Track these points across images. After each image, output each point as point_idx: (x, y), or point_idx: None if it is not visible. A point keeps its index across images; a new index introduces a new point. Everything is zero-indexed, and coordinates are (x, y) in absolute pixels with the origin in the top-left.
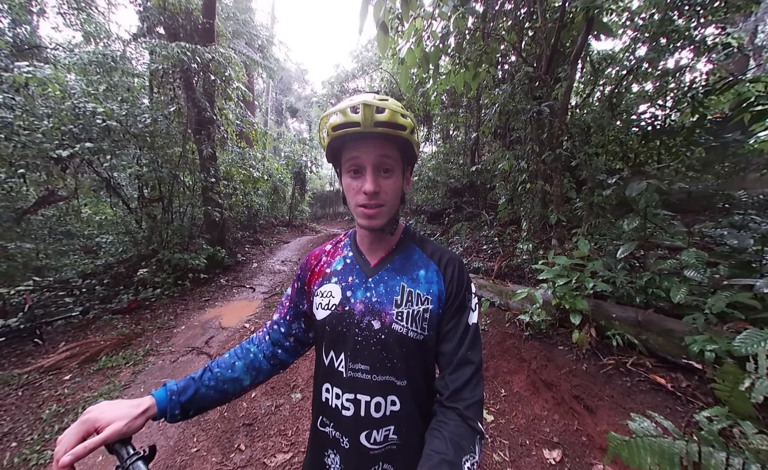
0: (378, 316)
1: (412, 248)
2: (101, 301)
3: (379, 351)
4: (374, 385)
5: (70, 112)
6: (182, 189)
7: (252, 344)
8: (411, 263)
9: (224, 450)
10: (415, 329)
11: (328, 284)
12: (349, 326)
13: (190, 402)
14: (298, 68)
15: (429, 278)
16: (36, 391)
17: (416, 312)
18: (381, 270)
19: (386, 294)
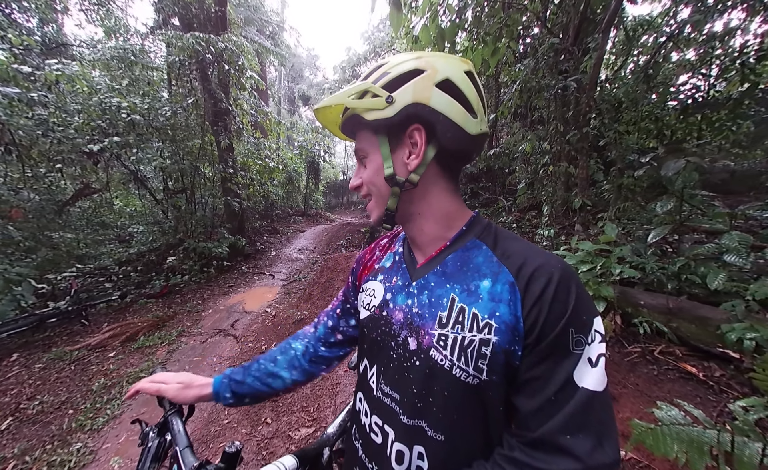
0: (416, 333)
1: (478, 245)
2: (136, 286)
3: (411, 382)
4: (400, 425)
5: (97, 107)
6: (203, 180)
7: (296, 340)
8: (470, 268)
9: (252, 423)
10: (465, 367)
11: (373, 282)
12: (385, 336)
13: (240, 389)
14: (309, 54)
15: (496, 293)
16: (86, 366)
17: (468, 342)
18: (428, 273)
19: (429, 306)
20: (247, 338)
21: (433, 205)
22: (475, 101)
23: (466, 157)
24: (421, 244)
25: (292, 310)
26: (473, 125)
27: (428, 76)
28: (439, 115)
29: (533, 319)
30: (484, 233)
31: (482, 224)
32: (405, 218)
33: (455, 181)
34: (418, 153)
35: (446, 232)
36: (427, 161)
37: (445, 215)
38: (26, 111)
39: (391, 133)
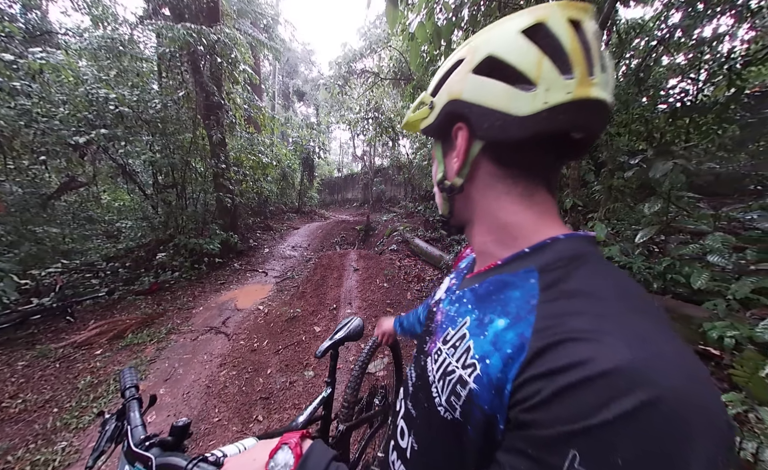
0: (431, 338)
1: (527, 278)
2: (125, 283)
3: (418, 376)
4: (408, 407)
5: (84, 98)
6: (194, 175)
7: None
8: (499, 299)
9: (243, 420)
10: (440, 393)
11: (447, 277)
12: (426, 329)
13: (404, 326)
14: (304, 49)
15: (502, 339)
16: (71, 364)
17: (450, 370)
18: (468, 287)
19: (449, 319)
20: (239, 336)
21: (485, 212)
22: (532, 63)
23: (541, 149)
24: (476, 254)
25: (285, 307)
26: (525, 101)
27: (466, 64)
28: (471, 107)
29: (527, 394)
30: (556, 265)
31: (560, 254)
32: (462, 224)
33: (530, 183)
34: (457, 154)
35: (497, 249)
36: (470, 160)
37: (501, 226)
38: (8, 101)
39: (442, 137)
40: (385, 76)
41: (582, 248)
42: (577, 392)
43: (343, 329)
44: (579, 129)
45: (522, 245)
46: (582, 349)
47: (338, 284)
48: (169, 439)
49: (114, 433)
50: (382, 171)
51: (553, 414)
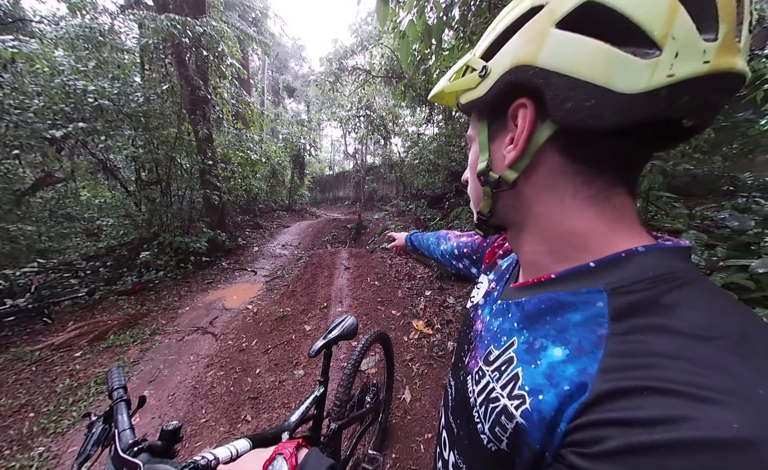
0: (472, 352)
1: (591, 300)
2: (106, 283)
3: (458, 391)
4: (448, 419)
5: (60, 90)
6: (180, 172)
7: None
8: (554, 323)
9: (231, 421)
10: (482, 420)
11: (486, 277)
12: (464, 336)
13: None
14: (294, 44)
15: (559, 372)
16: (49, 367)
17: (494, 397)
18: (513, 299)
19: (492, 335)
20: (227, 336)
21: (540, 217)
22: (660, 15)
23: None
24: (522, 263)
25: (275, 307)
26: (640, 72)
27: (547, 13)
28: (549, 77)
29: (585, 438)
30: (633, 287)
31: (640, 272)
32: (504, 226)
33: (607, 183)
34: (516, 141)
35: (552, 261)
36: (532, 151)
37: (561, 236)
38: None
39: (492, 115)
40: (376, 74)
41: (672, 265)
42: (663, 456)
43: (337, 328)
44: (702, 113)
45: (585, 258)
46: (677, 405)
47: (329, 283)
48: (158, 444)
49: (101, 436)
50: (374, 169)
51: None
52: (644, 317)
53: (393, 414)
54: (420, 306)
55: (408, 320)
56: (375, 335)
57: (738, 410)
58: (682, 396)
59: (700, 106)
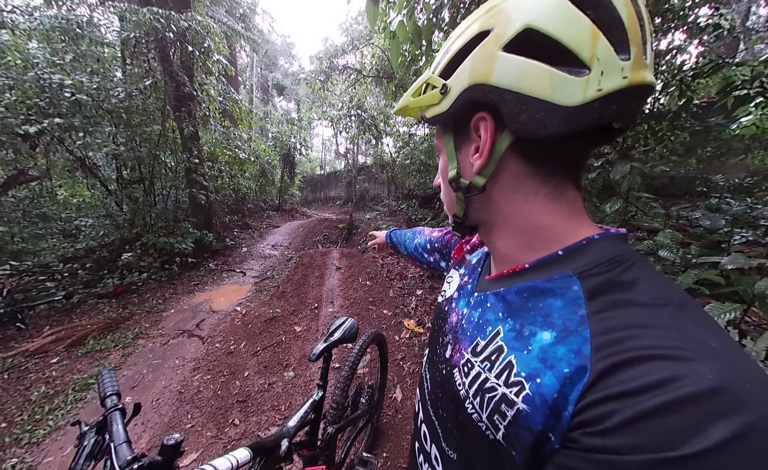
0: (453, 344)
1: (567, 285)
2: (85, 285)
3: (437, 384)
4: (427, 412)
5: (34, 84)
6: (164, 170)
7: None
8: (537, 309)
9: (219, 425)
10: (478, 410)
11: (456, 271)
12: (439, 329)
13: (395, 239)
14: (284, 42)
15: (552, 355)
16: (22, 374)
17: (489, 387)
18: (490, 290)
19: (474, 326)
20: (215, 339)
21: (509, 215)
22: (585, 40)
23: (577, 141)
24: (495, 257)
25: (264, 308)
26: (575, 88)
27: (494, 38)
28: (503, 94)
29: (594, 416)
30: (596, 269)
31: (599, 256)
32: (477, 225)
33: (560, 180)
34: (481, 150)
35: (523, 253)
36: (496, 158)
37: (529, 230)
38: None
39: (456, 127)
40: (367, 74)
41: (620, 249)
42: (666, 416)
43: (338, 331)
44: (626, 117)
45: (552, 248)
46: (664, 368)
47: (320, 283)
48: (159, 460)
49: (94, 448)
50: (366, 169)
51: (634, 439)
52: (612, 294)
53: (384, 413)
54: (411, 305)
55: (399, 319)
56: (372, 337)
57: (706, 363)
58: (665, 358)
59: (624, 112)
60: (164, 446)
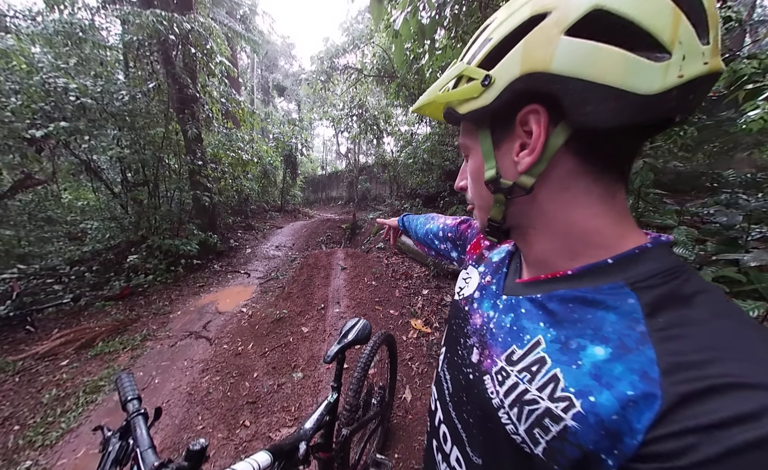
0: (482, 349)
1: (620, 297)
2: (92, 288)
3: (462, 387)
4: (447, 413)
5: (39, 88)
6: (168, 173)
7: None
8: (586, 321)
9: (229, 427)
10: (514, 421)
11: (474, 269)
12: (458, 329)
13: (408, 225)
14: (284, 42)
15: (608, 373)
16: (33, 377)
17: (530, 400)
18: (524, 295)
19: (506, 332)
20: (222, 340)
21: (554, 217)
22: (666, 22)
23: (631, 136)
24: (529, 260)
25: (271, 309)
26: (654, 75)
27: (553, 22)
28: (567, 82)
29: (673, 450)
30: (652, 281)
31: (653, 268)
32: (513, 229)
33: (612, 180)
34: (532, 147)
35: (564, 259)
36: (549, 155)
37: (574, 234)
38: None
39: (495, 123)
40: (368, 73)
41: (673, 259)
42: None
43: (352, 333)
44: (692, 110)
45: (599, 255)
46: (752, 398)
47: (326, 284)
48: (185, 465)
49: (119, 455)
50: (367, 169)
51: None
52: (674, 310)
53: (394, 413)
54: (418, 305)
55: (406, 319)
56: (382, 338)
57: None
58: (750, 387)
59: (695, 102)
60: (190, 451)
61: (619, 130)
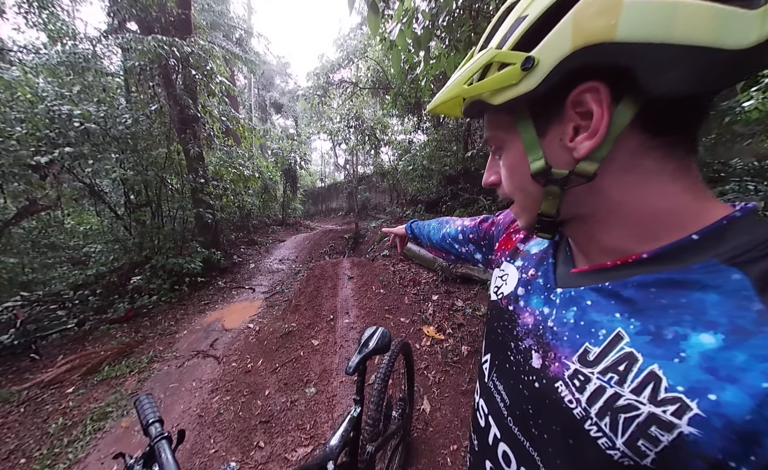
0: (544, 351)
1: (718, 274)
2: (96, 312)
3: (526, 399)
4: (507, 429)
5: (44, 116)
6: (170, 192)
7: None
8: (680, 306)
9: (243, 449)
10: (608, 432)
11: (509, 265)
12: (505, 332)
13: (416, 231)
14: (279, 62)
15: (726, 363)
16: (39, 406)
17: (625, 405)
18: (585, 285)
19: (572, 329)
20: (230, 358)
21: (621, 202)
22: None
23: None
24: (587, 250)
25: (279, 323)
26: (748, 25)
27: None
28: (638, 51)
29: None
30: (751, 254)
31: (752, 238)
32: (569, 221)
33: (684, 152)
34: (594, 130)
35: (638, 243)
36: (614, 136)
37: (648, 217)
38: None
39: (538, 109)
40: (363, 86)
41: (742, 220)
42: None
43: (372, 341)
44: None
45: (679, 233)
46: None
47: (333, 294)
48: None
49: None
50: (366, 179)
51: None
52: None
53: (414, 427)
54: (428, 312)
55: (418, 326)
56: (399, 346)
57: None
58: None
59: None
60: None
61: (698, 95)
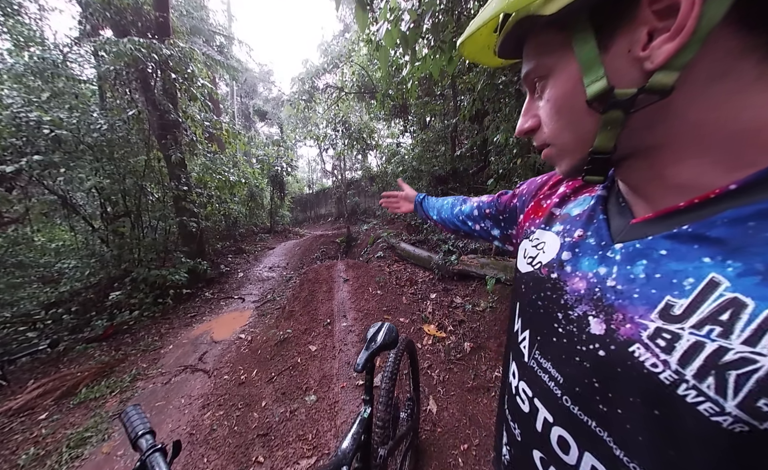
0: (606, 314)
1: None
2: (71, 331)
3: (585, 372)
4: (562, 410)
5: (9, 122)
6: (151, 201)
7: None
8: None
9: (241, 466)
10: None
11: (544, 232)
12: (549, 303)
13: (426, 205)
14: (262, 69)
15: None
16: (6, 437)
17: (735, 361)
18: (654, 234)
19: (645, 284)
20: (221, 370)
21: (703, 121)
22: None
23: None
24: (651, 193)
25: (273, 330)
26: None
27: None
28: None
29: None
30: None
31: None
32: (628, 156)
33: None
34: (679, 26)
35: (723, 173)
36: (703, 35)
37: (738, 136)
38: None
39: (602, 15)
40: (349, 91)
41: None
42: None
43: (379, 336)
44: None
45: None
46: None
47: (329, 298)
48: None
49: None
50: (355, 184)
51: None
52: None
53: (422, 428)
54: (428, 310)
55: (418, 325)
56: (404, 343)
57: None
58: None
59: None
60: None
61: None
